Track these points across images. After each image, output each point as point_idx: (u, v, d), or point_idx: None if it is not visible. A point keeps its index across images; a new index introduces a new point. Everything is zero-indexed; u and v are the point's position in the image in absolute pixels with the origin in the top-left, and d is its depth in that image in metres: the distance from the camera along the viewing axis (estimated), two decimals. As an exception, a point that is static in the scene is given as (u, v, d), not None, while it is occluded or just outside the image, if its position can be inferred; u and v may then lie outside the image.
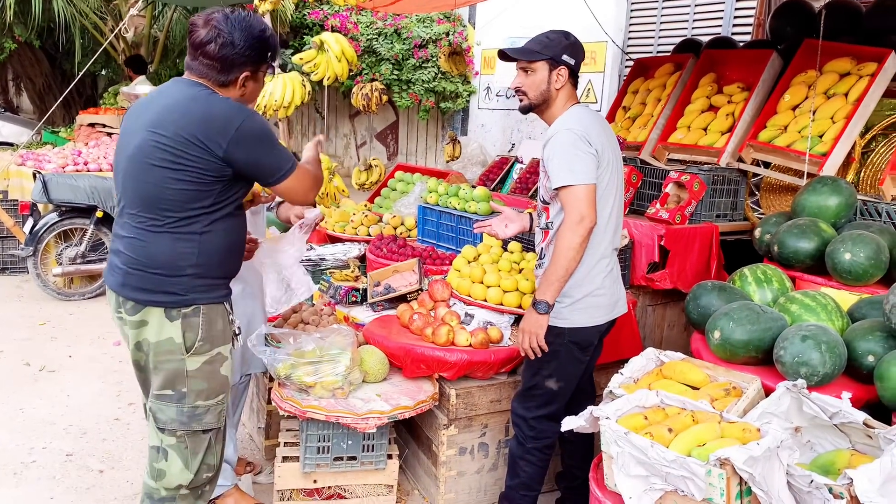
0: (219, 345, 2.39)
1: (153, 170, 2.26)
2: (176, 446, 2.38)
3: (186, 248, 2.30)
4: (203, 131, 2.23)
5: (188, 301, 2.32)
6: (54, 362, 4.91)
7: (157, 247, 2.30)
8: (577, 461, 3.08)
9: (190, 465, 2.39)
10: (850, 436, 2.34)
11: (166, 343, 2.33)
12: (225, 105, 2.29)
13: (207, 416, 2.40)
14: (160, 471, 2.40)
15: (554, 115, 2.77)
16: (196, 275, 2.32)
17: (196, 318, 2.34)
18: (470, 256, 3.87)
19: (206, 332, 2.35)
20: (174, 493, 2.42)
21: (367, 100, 5.41)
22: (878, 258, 2.94)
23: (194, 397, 2.36)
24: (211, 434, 2.43)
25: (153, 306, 2.32)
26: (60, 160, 6.79)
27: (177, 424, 2.37)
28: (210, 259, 2.34)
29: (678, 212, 3.86)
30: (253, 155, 2.29)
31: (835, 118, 3.77)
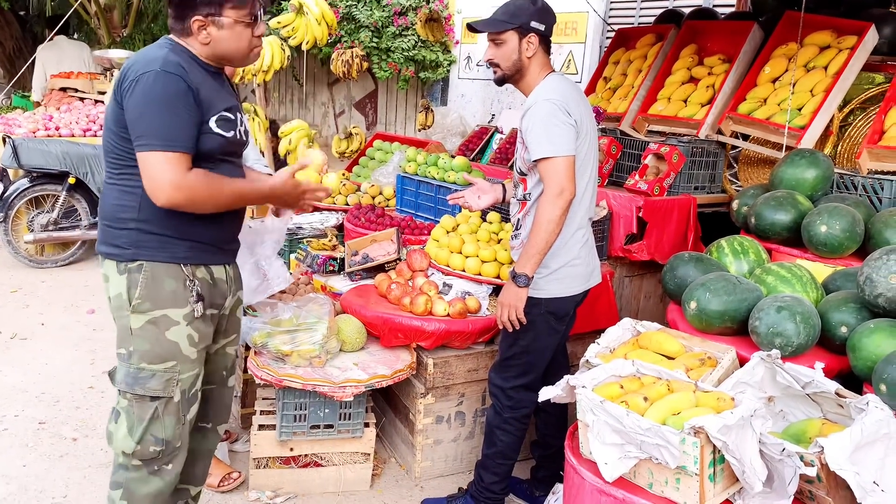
0: (165, 307, 2.23)
1: (105, 125, 2.26)
2: (126, 409, 2.27)
3: (127, 201, 2.21)
4: (118, 79, 2.16)
5: (132, 256, 2.22)
6: (26, 330, 4.84)
7: (107, 198, 2.27)
8: (552, 430, 3.10)
9: (134, 431, 2.25)
10: (822, 405, 2.37)
11: (117, 298, 2.25)
12: (149, 55, 2.16)
13: (152, 382, 2.24)
14: (110, 433, 2.31)
15: (530, 84, 2.74)
16: (140, 230, 2.22)
17: (138, 275, 2.22)
18: (448, 226, 3.86)
19: (147, 290, 2.22)
20: (126, 460, 2.29)
21: (348, 66, 5.33)
22: (854, 231, 2.96)
23: (138, 358, 2.24)
24: (158, 403, 2.26)
25: (107, 259, 2.27)
26: (31, 125, 6.64)
27: (124, 385, 2.26)
28: (155, 214, 2.20)
29: (657, 183, 3.86)
30: (133, 109, 2.10)
31: (814, 91, 3.77)
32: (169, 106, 2.10)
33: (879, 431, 2.05)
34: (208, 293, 2.33)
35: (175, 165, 2.09)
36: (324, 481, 3.20)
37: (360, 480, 3.24)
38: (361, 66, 5.45)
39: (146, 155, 2.10)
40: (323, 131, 11.10)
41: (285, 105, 12.00)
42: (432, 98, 9.29)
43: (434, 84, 9.33)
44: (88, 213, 6.18)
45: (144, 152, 2.10)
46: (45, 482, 3.15)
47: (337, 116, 11.01)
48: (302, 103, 11.63)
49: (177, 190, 2.09)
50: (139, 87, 2.09)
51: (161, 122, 2.09)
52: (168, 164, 2.09)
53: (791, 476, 2.01)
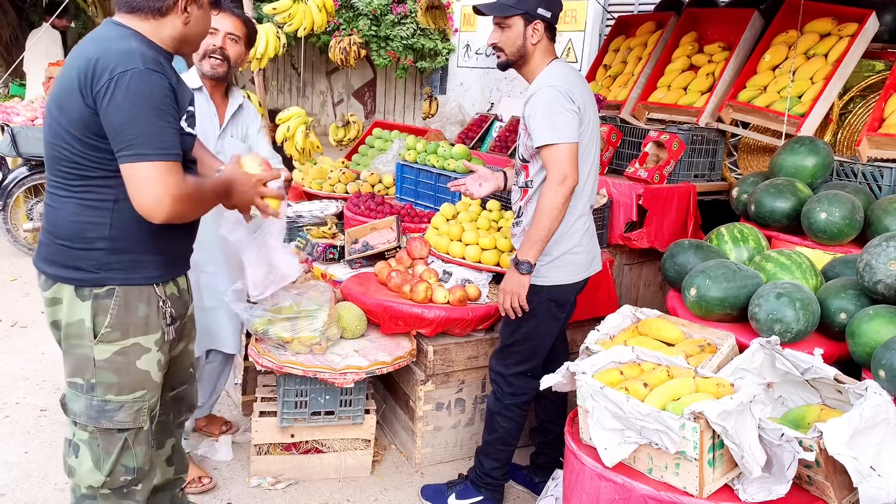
0: (136, 335, 2.05)
1: (50, 127, 1.97)
2: (88, 442, 2.08)
3: (95, 218, 1.97)
4: (86, 78, 1.87)
5: (100, 280, 2.00)
6: (26, 318, 4.85)
7: (62, 214, 1.99)
8: (552, 416, 3.12)
9: (102, 465, 2.08)
10: (821, 391, 2.38)
11: (76, 325, 2.02)
12: (118, 48, 1.89)
13: (120, 414, 2.06)
14: (71, 467, 2.12)
15: (533, 70, 2.74)
16: (110, 250, 1.99)
17: (109, 301, 2.00)
18: (448, 214, 3.86)
19: (117, 319, 2.01)
20: (93, 491, 2.12)
21: (346, 54, 5.30)
22: (853, 218, 2.97)
23: (103, 390, 2.04)
24: (127, 434, 2.09)
25: (63, 283, 2.01)
26: (29, 113, 6.63)
27: (85, 418, 2.06)
28: (128, 232, 2.00)
29: (657, 171, 3.86)
30: (113, 114, 1.85)
31: (814, 79, 3.77)
32: (158, 110, 1.88)
33: (878, 417, 2.06)
34: (177, 308, 2.17)
35: (174, 175, 1.89)
36: (324, 467, 3.22)
37: (360, 467, 3.26)
38: (359, 54, 5.43)
39: (140, 166, 1.85)
40: (321, 120, 11.09)
41: (284, 94, 11.97)
42: (431, 86, 9.27)
43: (433, 72, 9.31)
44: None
45: (138, 163, 1.85)
46: (46, 469, 3.17)
47: (335, 105, 10.98)
48: (300, 92, 11.60)
49: (179, 202, 1.89)
50: (121, 87, 1.84)
51: (153, 128, 1.86)
52: (167, 174, 1.87)
53: (790, 461, 2.03)
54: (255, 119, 3.16)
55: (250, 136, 3.13)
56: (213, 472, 3.22)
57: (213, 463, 3.30)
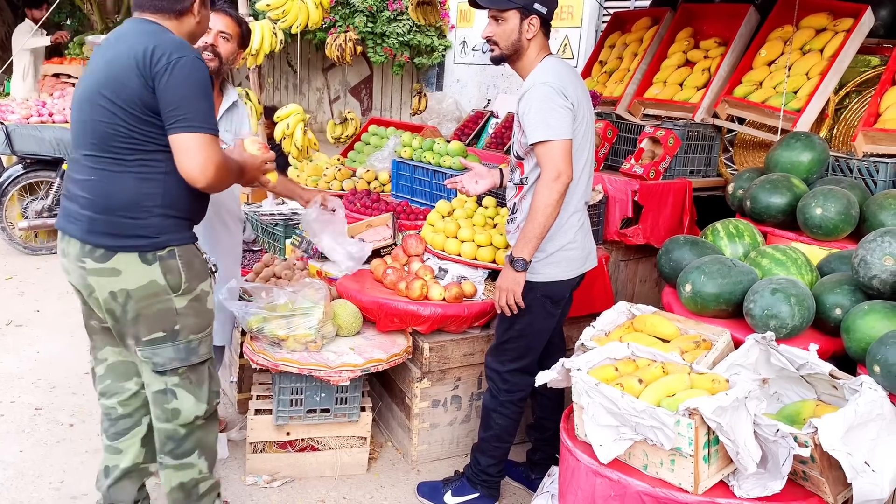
0: (200, 282, 2.38)
1: (99, 109, 2.19)
2: (181, 383, 2.41)
3: (151, 188, 2.24)
4: (145, 62, 2.14)
5: (161, 243, 2.27)
6: (21, 317, 4.84)
7: (119, 188, 2.22)
8: (548, 413, 3.11)
9: (201, 396, 2.46)
10: (816, 387, 2.38)
11: (149, 287, 2.27)
12: (169, 38, 2.20)
13: (202, 348, 2.43)
14: (174, 410, 2.43)
15: (527, 66, 2.73)
16: (164, 215, 2.27)
17: (174, 260, 2.30)
18: (444, 211, 3.85)
19: (187, 272, 2.33)
20: (192, 425, 2.47)
21: (342, 50, 5.29)
22: (848, 213, 2.96)
23: (187, 333, 2.37)
24: (208, 363, 2.49)
25: (125, 252, 2.24)
26: (24, 111, 6.61)
27: (177, 362, 2.38)
28: (176, 199, 2.28)
29: (652, 167, 3.86)
30: (172, 92, 2.14)
31: (810, 74, 3.76)
32: (204, 91, 2.19)
33: (872, 412, 2.06)
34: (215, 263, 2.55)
35: (216, 147, 2.19)
36: (320, 465, 3.21)
37: (356, 464, 3.25)
38: (355, 51, 5.41)
39: (192, 136, 2.14)
40: (318, 117, 11.06)
41: (280, 91, 11.95)
42: (427, 83, 9.25)
43: (429, 69, 9.29)
44: (83, 200, 6.15)
45: (189, 133, 2.14)
46: (42, 467, 3.16)
47: (332, 102, 10.96)
48: (297, 89, 11.57)
49: (219, 170, 2.18)
50: (178, 70, 2.13)
51: (202, 106, 2.17)
52: (211, 145, 2.17)
53: (785, 457, 2.03)
54: (245, 119, 3.23)
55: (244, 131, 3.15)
56: (208, 471, 3.22)
57: (209, 461, 3.29)
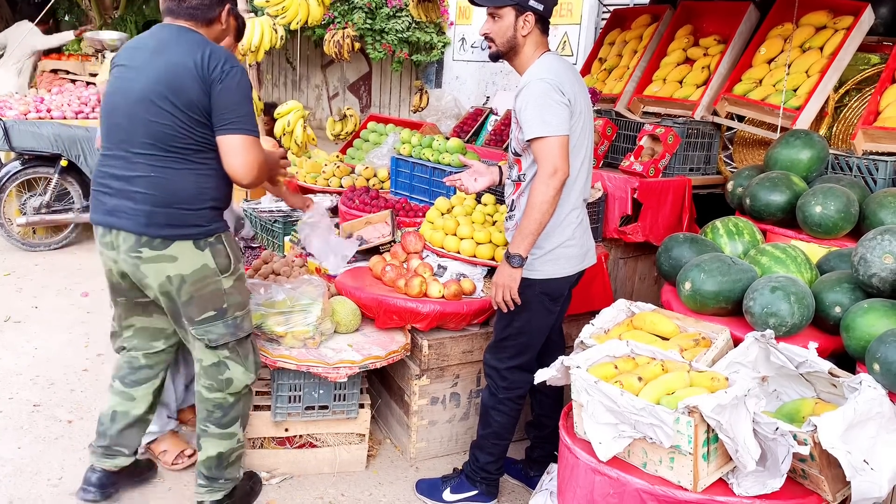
0: (240, 262, 2.68)
1: (161, 112, 2.40)
2: (230, 356, 2.68)
3: (209, 183, 2.51)
4: (204, 69, 2.38)
5: (211, 231, 2.55)
6: (20, 313, 4.83)
7: (183, 183, 2.47)
8: (547, 411, 3.11)
9: (248, 366, 2.73)
10: (816, 385, 2.38)
11: (201, 270, 2.53)
12: (217, 49, 2.45)
13: (245, 323, 2.71)
14: (227, 380, 2.69)
15: (524, 63, 2.72)
16: (214, 207, 2.55)
17: (220, 245, 2.58)
18: (443, 208, 3.84)
19: (233, 255, 2.62)
20: (240, 395, 2.75)
21: (339, 47, 5.28)
22: (848, 211, 2.96)
23: (234, 310, 2.64)
24: (251, 336, 2.77)
25: (182, 240, 2.49)
26: (22, 107, 6.59)
27: (228, 337, 2.64)
28: (223, 191, 2.57)
29: (652, 165, 3.85)
30: (226, 97, 2.40)
31: (809, 72, 3.76)
32: (249, 97, 2.47)
33: (872, 410, 2.06)
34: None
35: (259, 147, 2.47)
36: (319, 462, 3.21)
37: (355, 461, 3.25)
38: (353, 47, 5.40)
39: (240, 138, 2.41)
40: (317, 114, 11.05)
41: (279, 87, 11.93)
42: (426, 80, 9.24)
43: (428, 66, 9.27)
44: (81, 196, 6.14)
45: (238, 135, 2.41)
46: (40, 464, 3.15)
47: (331, 99, 10.94)
48: (295, 85, 11.55)
49: (261, 169, 2.47)
50: (233, 78, 2.40)
51: (247, 110, 2.44)
52: (255, 146, 2.45)
53: (784, 455, 2.03)
54: None
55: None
56: (207, 467, 3.22)
57: (208, 458, 3.29)
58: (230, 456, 2.78)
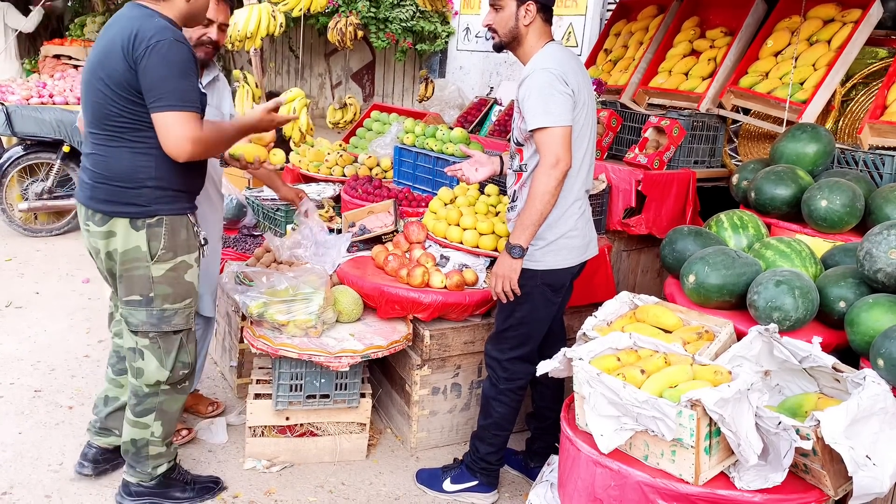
0: (182, 253, 2.56)
1: (95, 90, 2.40)
2: (150, 346, 2.60)
3: (144, 162, 2.43)
4: (128, 46, 2.31)
5: (151, 212, 2.47)
6: (21, 299, 4.83)
7: (117, 161, 2.44)
8: (548, 402, 3.11)
9: (165, 363, 2.62)
10: (819, 380, 2.37)
11: (133, 251, 2.49)
12: (152, 23, 2.34)
13: (176, 318, 2.60)
14: (138, 369, 2.63)
15: (527, 53, 2.71)
16: (156, 187, 2.46)
17: (160, 228, 2.49)
18: (446, 198, 3.83)
19: (168, 242, 2.51)
20: (155, 388, 2.65)
21: (342, 35, 5.25)
22: (854, 206, 2.94)
23: (161, 301, 2.55)
24: (181, 335, 2.64)
25: (119, 217, 2.47)
26: (24, 92, 6.58)
27: (148, 326, 2.57)
28: (169, 172, 2.46)
29: (656, 157, 3.83)
30: (150, 74, 2.30)
31: (816, 65, 3.73)
32: (182, 71, 2.33)
33: (875, 406, 2.05)
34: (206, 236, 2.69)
35: (192, 122, 2.33)
36: (320, 451, 3.21)
37: (356, 450, 3.25)
38: (356, 35, 5.37)
39: (166, 115, 2.31)
40: (319, 102, 11.01)
41: (282, 75, 11.89)
42: (430, 70, 9.20)
43: (432, 56, 9.23)
44: (83, 182, 6.13)
45: (164, 112, 2.31)
46: (41, 450, 3.16)
47: (334, 87, 10.91)
48: (298, 73, 11.51)
49: (195, 144, 2.33)
50: (155, 53, 2.29)
51: (178, 85, 2.31)
52: (186, 121, 2.31)
53: (786, 449, 2.02)
54: (226, 95, 3.33)
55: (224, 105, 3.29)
56: (207, 455, 3.22)
57: (209, 445, 3.29)
58: (145, 448, 2.71)
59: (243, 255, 3.94)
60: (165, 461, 2.79)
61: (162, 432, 2.71)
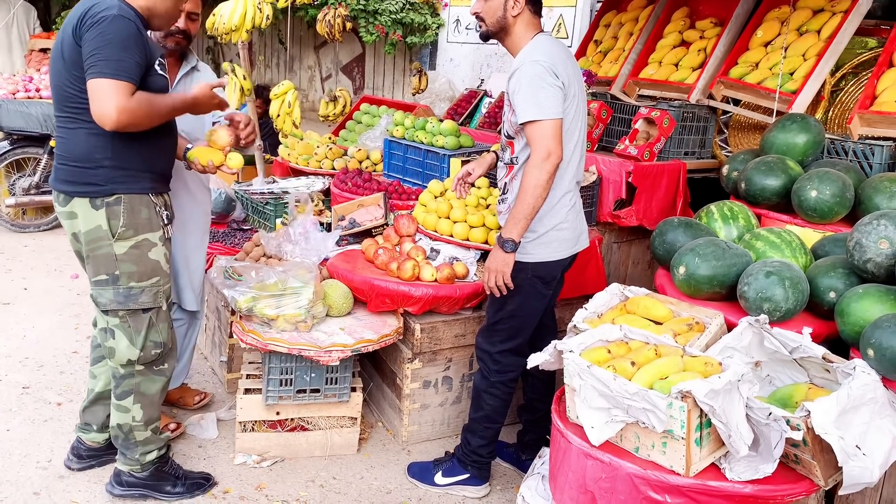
0: (144, 231, 2.57)
1: (57, 73, 2.45)
2: (120, 325, 2.61)
3: (99, 142, 2.46)
4: (77, 25, 2.35)
5: (108, 191, 2.50)
6: (9, 295, 4.79)
7: (75, 142, 2.48)
8: (539, 394, 3.10)
9: (135, 341, 2.62)
10: (809, 370, 2.37)
11: (95, 231, 2.52)
12: (103, 3, 2.36)
13: (143, 297, 2.60)
14: (110, 349, 2.65)
15: (516, 44, 2.69)
16: (113, 167, 2.48)
17: (118, 207, 2.51)
18: (436, 191, 3.82)
19: (128, 220, 2.52)
20: (129, 369, 2.66)
21: (330, 27, 5.21)
22: (844, 196, 2.94)
23: (127, 279, 2.57)
24: (151, 314, 2.64)
25: (78, 197, 2.51)
26: (10, 86, 6.49)
27: (115, 304, 2.58)
28: (127, 152, 2.49)
29: (647, 148, 3.82)
30: (90, 43, 2.32)
31: (806, 55, 3.73)
32: (121, 44, 2.33)
33: (865, 396, 2.05)
34: (169, 213, 2.69)
35: (121, 91, 2.31)
36: (311, 445, 3.20)
37: (347, 444, 3.24)
38: (344, 27, 5.34)
39: (95, 81, 2.30)
40: (309, 95, 10.96)
41: (271, 69, 11.83)
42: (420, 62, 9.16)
43: (422, 48, 9.19)
44: (71, 177, 6.08)
45: (94, 79, 2.30)
46: (29, 446, 3.13)
47: (324, 80, 10.86)
48: (288, 66, 11.45)
49: (121, 113, 2.30)
50: (96, 27, 2.31)
51: (113, 55, 2.31)
52: (116, 90, 2.30)
53: (777, 440, 2.02)
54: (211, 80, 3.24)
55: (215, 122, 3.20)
56: (197, 450, 3.20)
57: (198, 440, 3.27)
58: (131, 433, 2.73)
59: (232, 249, 3.91)
60: (154, 448, 2.80)
61: (143, 416, 2.72)
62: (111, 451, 2.96)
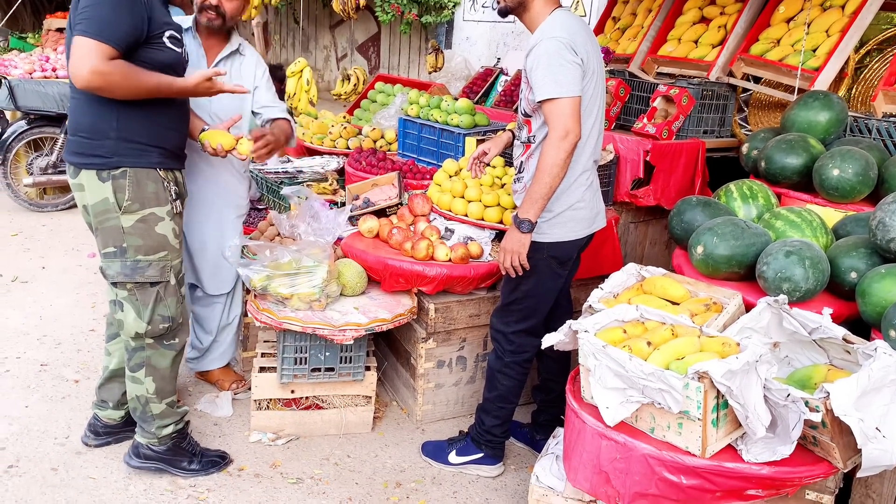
0: (151, 206, 2.57)
1: (67, 42, 2.42)
2: (128, 298, 2.63)
3: (105, 114, 2.46)
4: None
5: (114, 163, 2.50)
6: (27, 273, 4.83)
7: (83, 113, 2.49)
8: (553, 375, 3.09)
9: (143, 314, 2.64)
10: (829, 351, 2.34)
11: (102, 203, 2.53)
12: None
13: (150, 270, 2.61)
14: (119, 321, 2.67)
15: (535, 19, 2.64)
16: (119, 139, 2.49)
17: (123, 181, 2.51)
18: (451, 171, 3.78)
19: (133, 193, 2.53)
20: (139, 342, 2.68)
21: (345, 4, 5.17)
22: (867, 174, 2.88)
23: (134, 252, 2.58)
24: (159, 288, 2.65)
25: (86, 168, 2.52)
26: (27, 66, 6.51)
27: (122, 277, 2.59)
28: (131, 125, 2.49)
29: (665, 127, 3.77)
30: (84, 6, 2.32)
31: (830, 31, 3.65)
32: (114, 7, 2.32)
33: (886, 378, 2.02)
34: (180, 189, 2.70)
35: (99, 53, 2.29)
36: (325, 423, 3.21)
37: (361, 423, 3.25)
38: (359, 5, 5.29)
39: (77, 38, 2.30)
40: (325, 75, 10.92)
41: (287, 48, 11.79)
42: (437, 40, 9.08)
43: (438, 26, 9.11)
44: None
45: (76, 36, 2.30)
46: (47, 423, 3.16)
47: (339, 60, 10.81)
48: (303, 46, 11.41)
49: (94, 74, 2.29)
50: None
51: (102, 17, 2.30)
52: (93, 50, 2.29)
53: (795, 421, 1.99)
54: (255, 67, 3.23)
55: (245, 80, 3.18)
56: (213, 428, 3.22)
57: (214, 418, 3.29)
58: (147, 405, 2.76)
59: (248, 228, 3.91)
60: (171, 422, 2.82)
61: (155, 388, 2.74)
62: (128, 428, 2.99)
